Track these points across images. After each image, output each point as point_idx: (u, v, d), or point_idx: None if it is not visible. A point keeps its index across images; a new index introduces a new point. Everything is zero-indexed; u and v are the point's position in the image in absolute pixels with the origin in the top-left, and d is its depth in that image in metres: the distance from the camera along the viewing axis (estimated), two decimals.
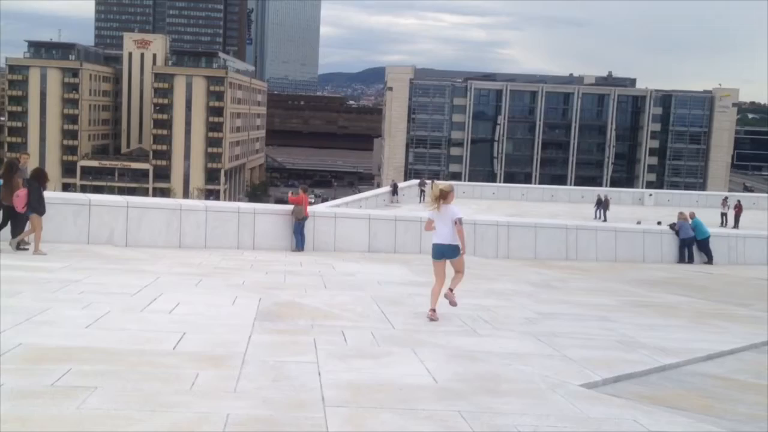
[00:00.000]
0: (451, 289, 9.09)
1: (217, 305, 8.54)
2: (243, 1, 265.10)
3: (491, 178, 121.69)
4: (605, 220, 37.20)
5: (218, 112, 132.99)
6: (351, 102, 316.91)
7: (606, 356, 7.50)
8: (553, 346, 7.74)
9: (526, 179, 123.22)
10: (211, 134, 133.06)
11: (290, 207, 17.26)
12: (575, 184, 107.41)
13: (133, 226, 15.36)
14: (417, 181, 50.91)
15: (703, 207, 50.36)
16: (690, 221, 22.96)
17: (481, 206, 46.35)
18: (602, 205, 39.98)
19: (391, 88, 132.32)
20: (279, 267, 13.48)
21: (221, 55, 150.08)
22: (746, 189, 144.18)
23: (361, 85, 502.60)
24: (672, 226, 23.13)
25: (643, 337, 8.69)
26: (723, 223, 40.32)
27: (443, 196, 9.11)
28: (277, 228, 17.20)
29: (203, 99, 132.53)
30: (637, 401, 5.86)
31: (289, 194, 18.06)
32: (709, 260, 22.65)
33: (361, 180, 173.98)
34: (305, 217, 17.05)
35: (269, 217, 17.27)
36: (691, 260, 22.52)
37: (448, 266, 9.21)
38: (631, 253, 22.06)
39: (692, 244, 22.70)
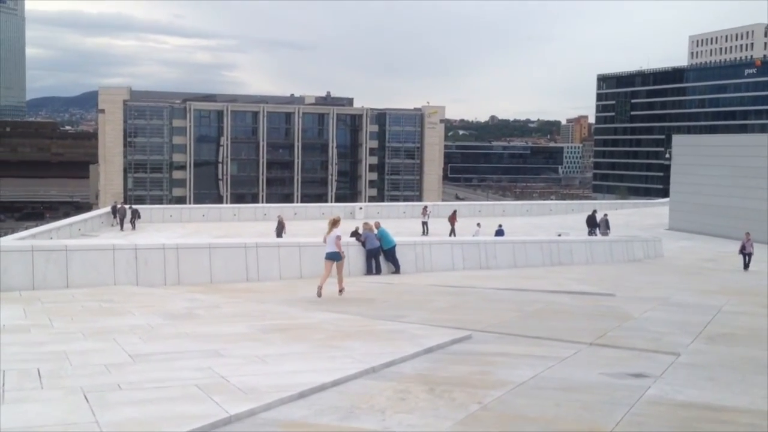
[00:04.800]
0: (340, 291, 15.36)
1: None
2: None
3: (218, 200, 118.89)
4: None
5: None
6: (67, 127, 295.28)
7: (158, 413, 5.71)
8: (94, 408, 5.80)
9: (254, 200, 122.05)
10: None
11: None
12: (302, 202, 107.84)
13: None
14: (127, 207, 46.37)
15: (410, 217, 52.30)
16: (375, 231, 22.47)
17: (188, 229, 43.78)
18: (281, 227, 37.67)
19: (103, 111, 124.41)
20: None
21: None
22: (458, 198, 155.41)
23: (80, 109, 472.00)
24: (357, 237, 22.51)
25: (240, 374, 7.07)
26: (424, 232, 41.57)
27: (335, 223, 15.53)
28: None
29: None
30: None
31: None
32: (397, 269, 22.30)
33: (78, 209, 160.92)
34: None
35: None
36: (378, 271, 21.99)
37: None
38: (317, 267, 20.84)
39: (378, 254, 22.20)
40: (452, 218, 42.66)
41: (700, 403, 6.49)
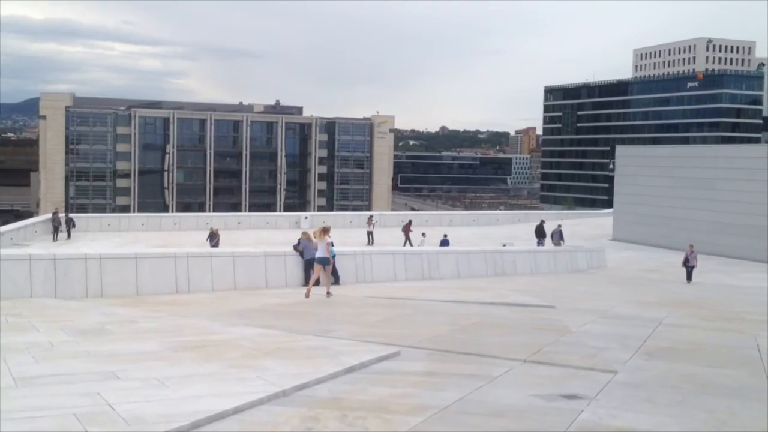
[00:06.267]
0: (328, 292, 17.13)
1: None
2: None
3: (164, 209, 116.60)
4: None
5: None
6: (10, 134, 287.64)
7: None
8: None
9: (201, 209, 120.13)
10: None
11: None
12: (250, 211, 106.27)
13: None
14: (61, 215, 44.63)
15: (357, 227, 51.58)
16: (314, 240, 21.71)
17: (125, 239, 42.39)
18: (214, 238, 36.27)
19: (44, 117, 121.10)
20: None
21: None
22: (412, 209, 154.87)
23: (24, 116, 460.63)
24: (296, 247, 21.76)
25: (131, 401, 6.29)
26: (370, 242, 40.95)
27: (326, 231, 17.33)
28: None
29: None
30: None
31: None
32: (336, 280, 21.56)
33: (18, 218, 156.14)
34: None
35: None
36: (317, 282, 21.23)
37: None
38: (252, 278, 20.20)
39: None
40: (407, 228, 42.18)
41: (636, 429, 5.94)
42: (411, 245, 39.21)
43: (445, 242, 35.64)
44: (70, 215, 45.42)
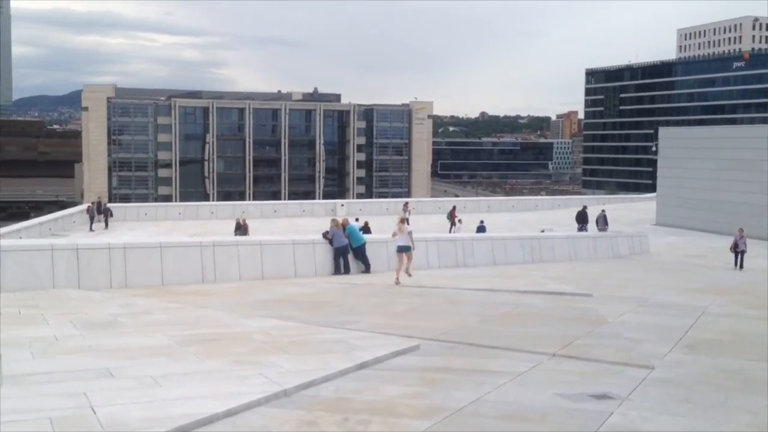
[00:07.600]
0: (409, 274, 17.31)
1: None
2: None
3: (205, 198, 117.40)
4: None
5: None
6: (56, 126, 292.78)
7: None
8: None
9: (240, 197, 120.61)
10: None
11: None
12: (289, 199, 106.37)
13: None
14: (86, 206, 45.16)
15: (393, 213, 51.02)
16: (343, 228, 21.24)
17: (162, 228, 42.42)
18: (241, 229, 36.04)
19: (86, 108, 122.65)
20: None
21: None
22: (455, 195, 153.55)
23: (69, 108, 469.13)
24: (325, 235, 21.27)
25: (116, 403, 5.81)
26: None
27: (403, 221, 19.07)
28: None
29: None
30: None
31: None
32: (367, 269, 21.09)
33: (63, 209, 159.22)
34: None
35: None
36: (347, 270, 20.76)
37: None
38: (280, 267, 19.72)
39: (347, 252, 20.98)
40: (452, 214, 41.53)
41: None
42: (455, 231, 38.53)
43: (481, 228, 34.87)
44: (107, 205, 45.72)
